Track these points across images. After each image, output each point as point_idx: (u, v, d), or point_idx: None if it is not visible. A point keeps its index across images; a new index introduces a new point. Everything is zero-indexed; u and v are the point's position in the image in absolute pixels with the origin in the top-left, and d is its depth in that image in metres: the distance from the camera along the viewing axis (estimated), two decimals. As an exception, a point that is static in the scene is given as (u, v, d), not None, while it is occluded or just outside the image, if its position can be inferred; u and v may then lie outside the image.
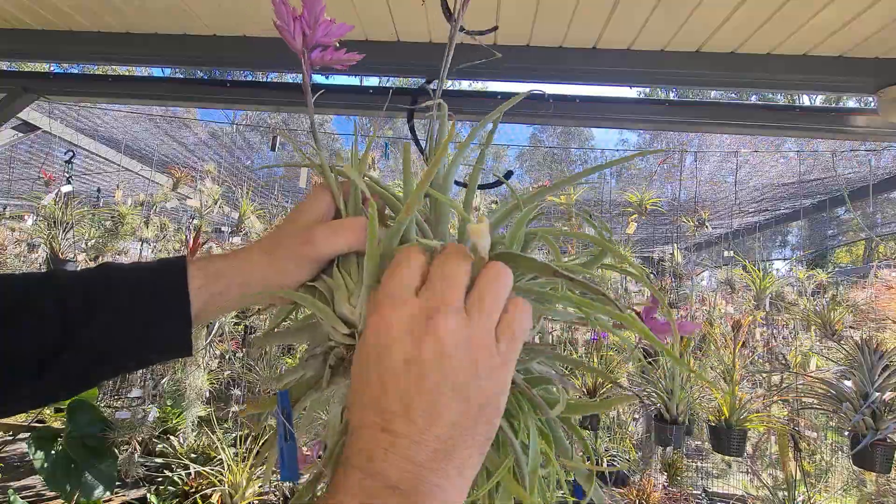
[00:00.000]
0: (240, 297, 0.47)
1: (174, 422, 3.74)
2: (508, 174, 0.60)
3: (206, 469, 3.13)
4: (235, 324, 4.03)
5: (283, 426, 0.44)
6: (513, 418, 0.39)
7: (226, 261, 0.47)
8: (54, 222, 3.28)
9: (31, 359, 0.39)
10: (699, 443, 4.41)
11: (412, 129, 0.57)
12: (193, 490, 3.07)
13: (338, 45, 0.52)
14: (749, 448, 3.07)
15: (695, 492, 3.82)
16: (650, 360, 3.10)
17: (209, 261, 0.47)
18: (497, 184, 0.54)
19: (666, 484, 3.28)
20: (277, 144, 3.75)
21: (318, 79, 2.39)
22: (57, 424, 4.20)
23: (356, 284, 0.45)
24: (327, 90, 2.37)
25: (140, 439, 3.38)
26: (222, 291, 0.46)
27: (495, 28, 0.56)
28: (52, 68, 2.99)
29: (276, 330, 0.54)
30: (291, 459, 0.44)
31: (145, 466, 3.43)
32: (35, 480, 3.71)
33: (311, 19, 0.50)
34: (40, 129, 3.66)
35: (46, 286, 0.42)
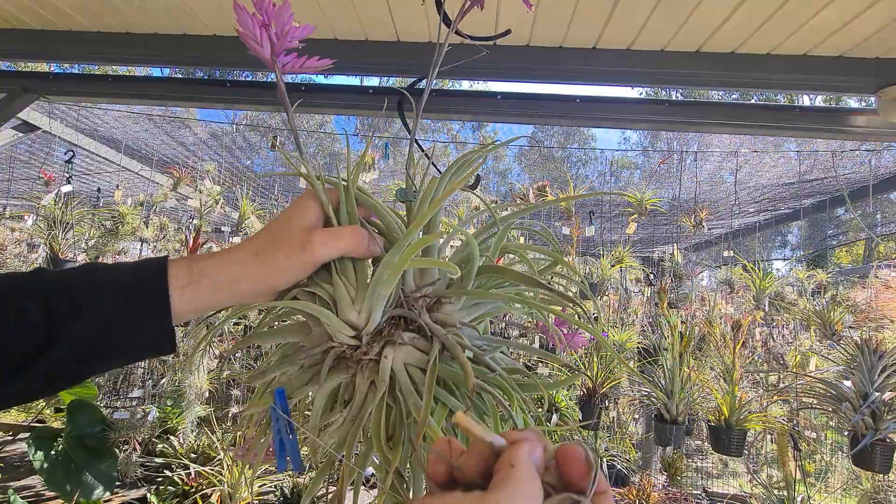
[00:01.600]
0: (229, 297, 0.47)
1: (174, 422, 3.74)
2: (476, 180, 0.67)
3: (206, 469, 3.13)
4: (235, 324, 4.03)
5: (285, 421, 0.46)
6: (507, 400, 0.47)
7: (211, 260, 0.47)
8: (54, 222, 3.28)
9: (15, 357, 0.40)
10: (699, 443, 4.41)
11: (405, 125, 0.61)
12: (193, 490, 3.07)
13: (300, 46, 0.53)
14: (748, 448, 3.07)
15: (695, 492, 3.82)
16: (649, 360, 3.11)
17: (193, 260, 0.47)
18: (472, 187, 0.63)
19: (666, 484, 3.28)
20: (278, 144, 3.75)
21: (318, 79, 2.40)
22: (57, 424, 4.20)
23: (357, 290, 0.48)
24: (328, 90, 2.38)
25: (140, 439, 3.38)
26: (207, 290, 0.46)
27: (508, 32, 0.59)
28: (52, 68, 2.99)
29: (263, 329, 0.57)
30: (295, 452, 0.47)
31: (145, 466, 3.43)
32: (35, 480, 3.71)
33: (279, 28, 0.50)
34: (40, 129, 3.66)
35: (31, 286, 0.42)
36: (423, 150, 0.56)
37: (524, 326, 0.58)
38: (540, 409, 0.51)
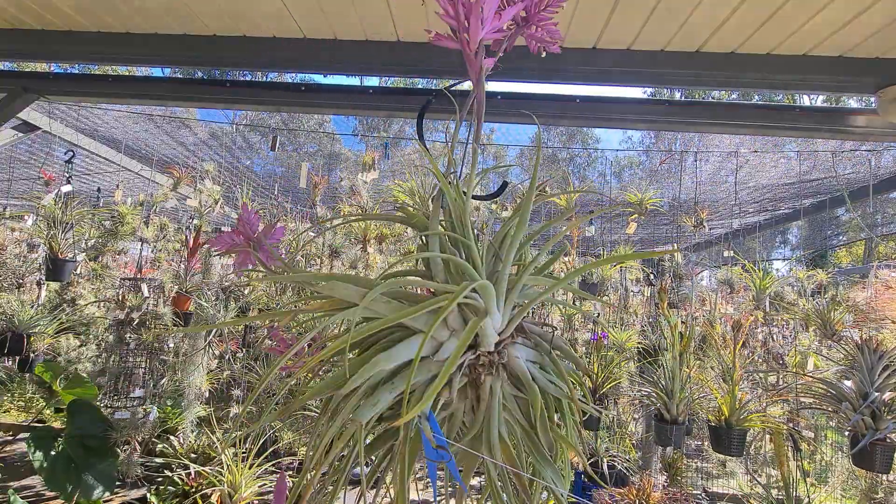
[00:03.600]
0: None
1: (174, 422, 3.74)
2: (503, 186, 0.69)
3: (206, 469, 3.13)
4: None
5: (445, 444, 0.48)
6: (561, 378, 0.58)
7: None
8: (54, 222, 3.28)
9: None
10: (699, 443, 4.41)
11: (420, 134, 0.63)
12: (193, 490, 3.07)
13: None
14: (749, 448, 3.07)
15: (695, 492, 3.82)
16: (649, 360, 3.10)
17: None
18: (495, 195, 0.66)
19: (666, 484, 3.28)
20: (277, 144, 3.74)
21: (318, 78, 2.39)
22: (57, 424, 4.20)
23: (496, 298, 0.52)
24: (328, 90, 2.37)
25: (140, 439, 3.38)
26: None
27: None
28: (52, 68, 2.99)
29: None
30: (455, 470, 0.50)
31: (145, 466, 3.43)
32: (35, 480, 3.71)
33: (492, 27, 0.52)
34: (40, 129, 3.66)
35: None
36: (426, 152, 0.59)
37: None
38: None
